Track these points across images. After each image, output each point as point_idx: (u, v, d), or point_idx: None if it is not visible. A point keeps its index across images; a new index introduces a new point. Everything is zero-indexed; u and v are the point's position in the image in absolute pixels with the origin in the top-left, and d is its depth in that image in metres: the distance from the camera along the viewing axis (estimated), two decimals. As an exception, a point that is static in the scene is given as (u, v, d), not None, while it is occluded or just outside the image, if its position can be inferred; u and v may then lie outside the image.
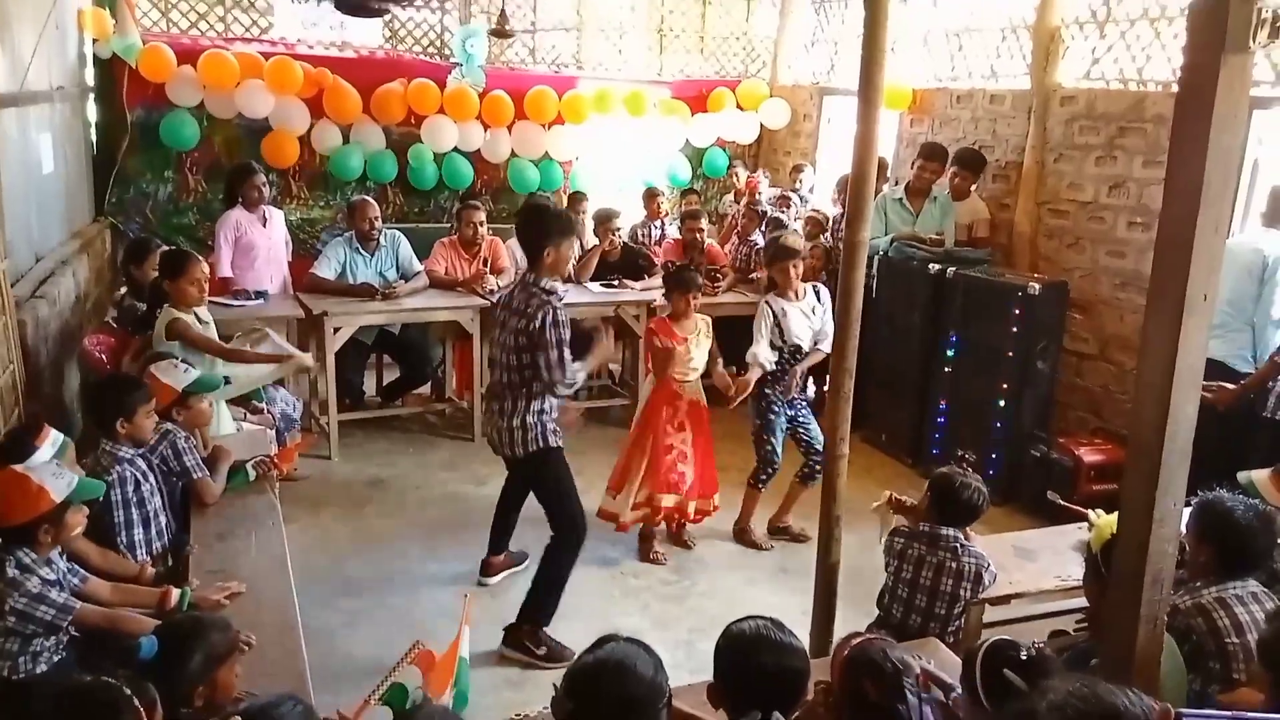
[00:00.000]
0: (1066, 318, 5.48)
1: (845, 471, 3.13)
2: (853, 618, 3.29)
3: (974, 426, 5.49)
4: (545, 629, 3.85)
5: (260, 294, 5.55)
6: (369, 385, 6.39)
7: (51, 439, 2.64)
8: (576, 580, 4.32)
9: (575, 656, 3.59)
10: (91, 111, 6.51)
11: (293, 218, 7.05)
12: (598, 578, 4.45)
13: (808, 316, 4.73)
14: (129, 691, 1.69)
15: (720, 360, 4.89)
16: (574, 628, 4.01)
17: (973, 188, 6.11)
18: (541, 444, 3.79)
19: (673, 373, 4.61)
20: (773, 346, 4.67)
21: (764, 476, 4.85)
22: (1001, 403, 5.35)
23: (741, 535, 4.94)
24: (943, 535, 2.99)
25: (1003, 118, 6.13)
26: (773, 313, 4.69)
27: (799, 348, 4.70)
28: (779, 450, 4.83)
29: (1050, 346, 5.36)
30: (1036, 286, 5.19)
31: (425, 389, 6.56)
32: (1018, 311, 5.24)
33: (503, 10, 6.72)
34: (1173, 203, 1.93)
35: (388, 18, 7.30)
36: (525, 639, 3.80)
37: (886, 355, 6.05)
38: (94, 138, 6.52)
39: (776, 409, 4.78)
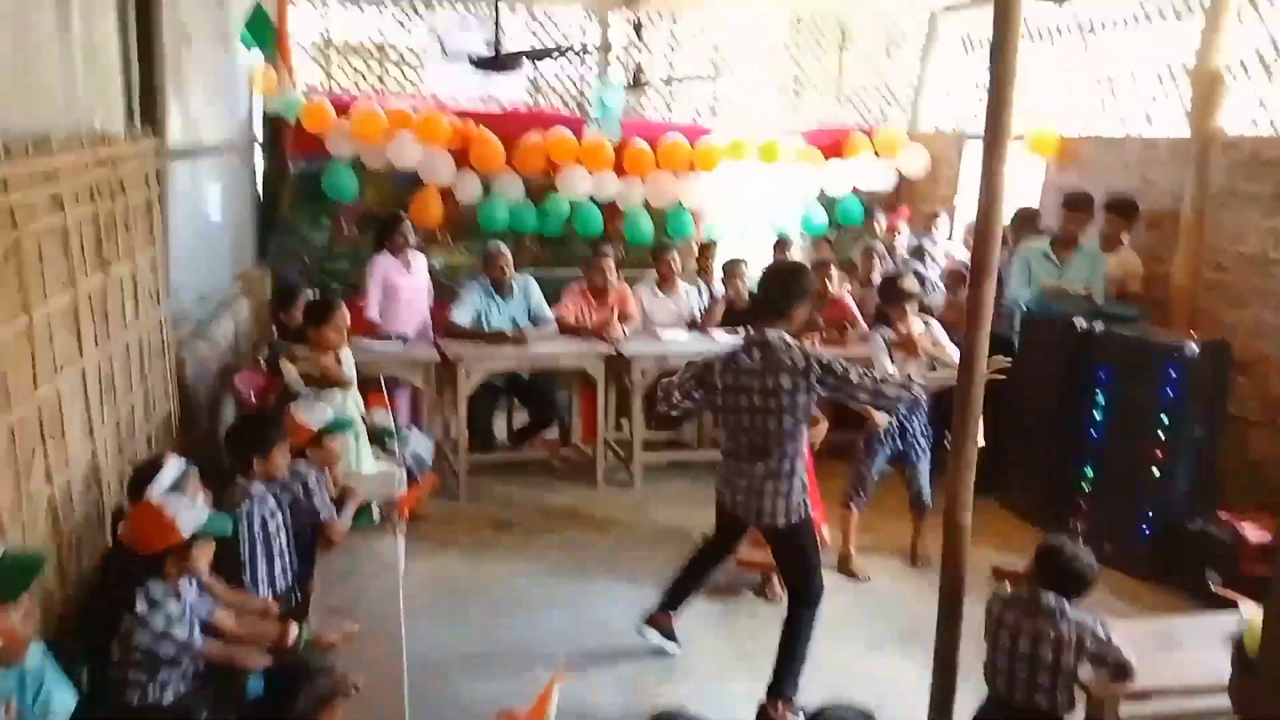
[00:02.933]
0: (1229, 380, 5.06)
1: (967, 541, 2.95)
2: (978, 694, 3.10)
3: (1121, 495, 5.12)
4: (794, 698, 3.75)
5: (402, 337, 5.79)
6: (500, 428, 6.54)
7: (174, 465, 2.80)
8: (688, 639, 4.28)
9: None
10: (259, 163, 7.02)
11: (436, 263, 7.38)
12: (711, 640, 4.36)
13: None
14: None
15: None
16: (680, 690, 3.94)
17: (1124, 237, 5.77)
18: (803, 514, 3.73)
19: None
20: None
21: (854, 495, 4.94)
22: (1155, 471, 4.98)
23: (842, 565, 4.97)
24: (1042, 601, 2.80)
25: (1157, 164, 5.78)
26: (884, 343, 4.84)
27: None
28: (871, 477, 4.94)
29: (1210, 412, 4.96)
30: (1195, 347, 4.83)
31: (554, 434, 6.66)
32: (1173, 373, 4.88)
33: (638, 65, 6.86)
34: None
35: (532, 75, 7.58)
36: (785, 713, 3.70)
37: (1027, 416, 5.75)
38: (259, 188, 7.00)
39: (880, 439, 4.87)
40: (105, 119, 3.60)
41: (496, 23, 5.96)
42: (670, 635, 4.15)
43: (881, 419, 4.85)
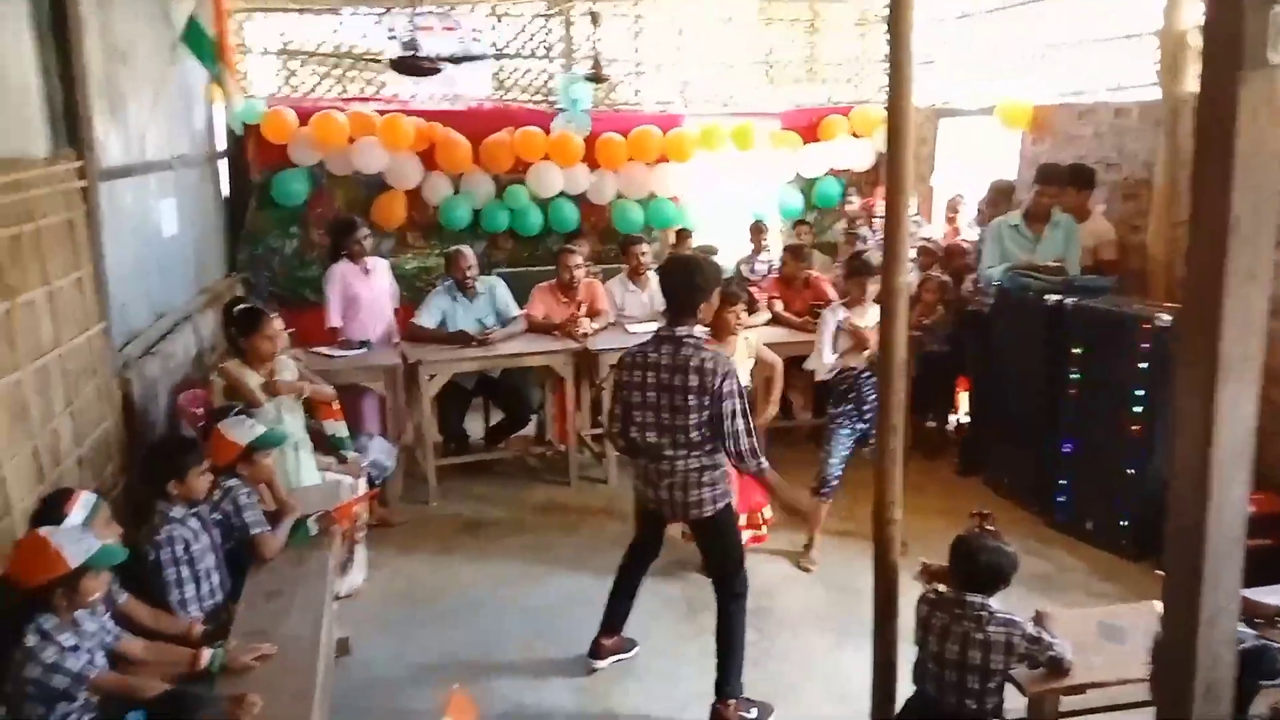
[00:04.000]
0: (1206, 350, 4.90)
1: (897, 540, 2.85)
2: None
3: (1102, 472, 4.99)
4: (743, 694, 3.70)
5: (364, 343, 5.74)
6: (476, 429, 6.48)
7: (82, 502, 2.75)
8: (647, 636, 4.20)
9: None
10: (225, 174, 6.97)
11: (408, 267, 7.33)
12: (671, 635, 4.28)
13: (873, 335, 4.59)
14: None
15: (772, 405, 4.93)
16: (636, 688, 3.88)
17: (1099, 209, 5.61)
18: (722, 503, 3.66)
19: None
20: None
21: (819, 487, 4.83)
22: (1132, 446, 4.84)
23: (804, 551, 4.97)
24: (967, 602, 2.69)
25: (1130, 131, 5.62)
26: (835, 323, 4.73)
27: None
28: (834, 464, 4.83)
29: (1187, 383, 4.80)
30: (1166, 316, 4.67)
31: (530, 432, 6.59)
32: (1145, 345, 4.73)
33: (596, 57, 6.75)
34: (1199, 248, 1.64)
35: (495, 69, 7.49)
36: (737, 710, 3.66)
37: (1005, 395, 5.64)
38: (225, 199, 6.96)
39: (839, 421, 4.79)
40: (20, 142, 3.55)
41: (412, 24, 5.86)
42: (622, 649, 4.09)
43: None
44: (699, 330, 3.61)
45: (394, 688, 3.88)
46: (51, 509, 2.72)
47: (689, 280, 3.57)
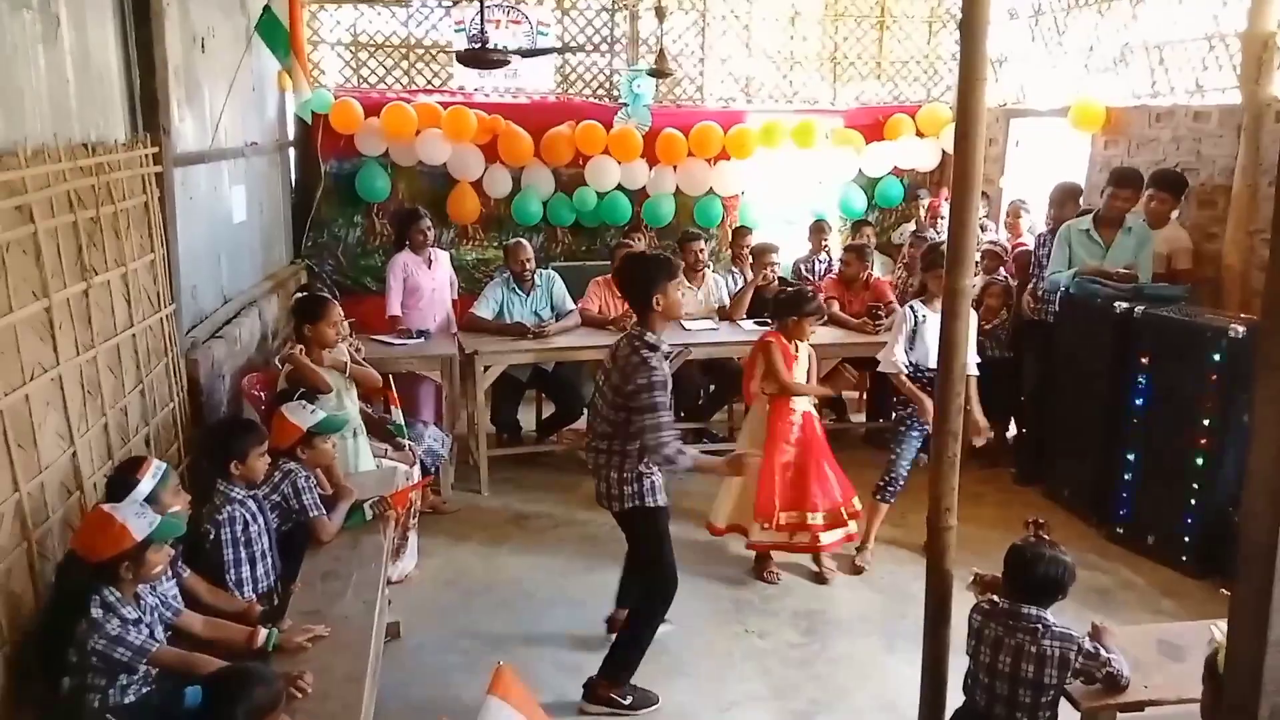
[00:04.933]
0: None
1: (953, 546, 2.79)
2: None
3: (1167, 486, 4.86)
4: (624, 682, 3.73)
5: (423, 333, 5.82)
6: (528, 420, 6.53)
7: (152, 470, 2.83)
8: (696, 636, 4.20)
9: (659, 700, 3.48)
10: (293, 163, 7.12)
11: (468, 258, 7.41)
12: (721, 635, 4.27)
13: None
14: None
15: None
16: (685, 687, 3.87)
17: (1173, 214, 5.44)
18: (638, 502, 3.68)
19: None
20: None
21: (884, 486, 4.82)
22: (1199, 460, 4.70)
23: (858, 552, 4.93)
24: (1022, 614, 2.63)
25: (1208, 137, 5.43)
26: (914, 318, 4.62)
27: (925, 368, 4.59)
28: (903, 465, 4.81)
29: (1261, 397, 4.63)
30: (1240, 328, 4.52)
31: (581, 425, 6.61)
32: (1217, 356, 4.59)
33: (661, 51, 6.74)
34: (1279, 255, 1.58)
35: (559, 63, 7.52)
36: (610, 692, 3.71)
37: (1069, 404, 5.51)
38: (293, 187, 7.10)
39: (908, 423, 4.74)
40: (103, 127, 3.66)
41: (482, 18, 5.89)
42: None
43: (930, 405, 4.66)
44: (661, 325, 3.65)
45: (442, 673, 3.93)
46: (124, 476, 2.81)
47: (635, 276, 3.68)
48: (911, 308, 4.72)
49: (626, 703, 3.68)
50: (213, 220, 5.14)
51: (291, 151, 7.07)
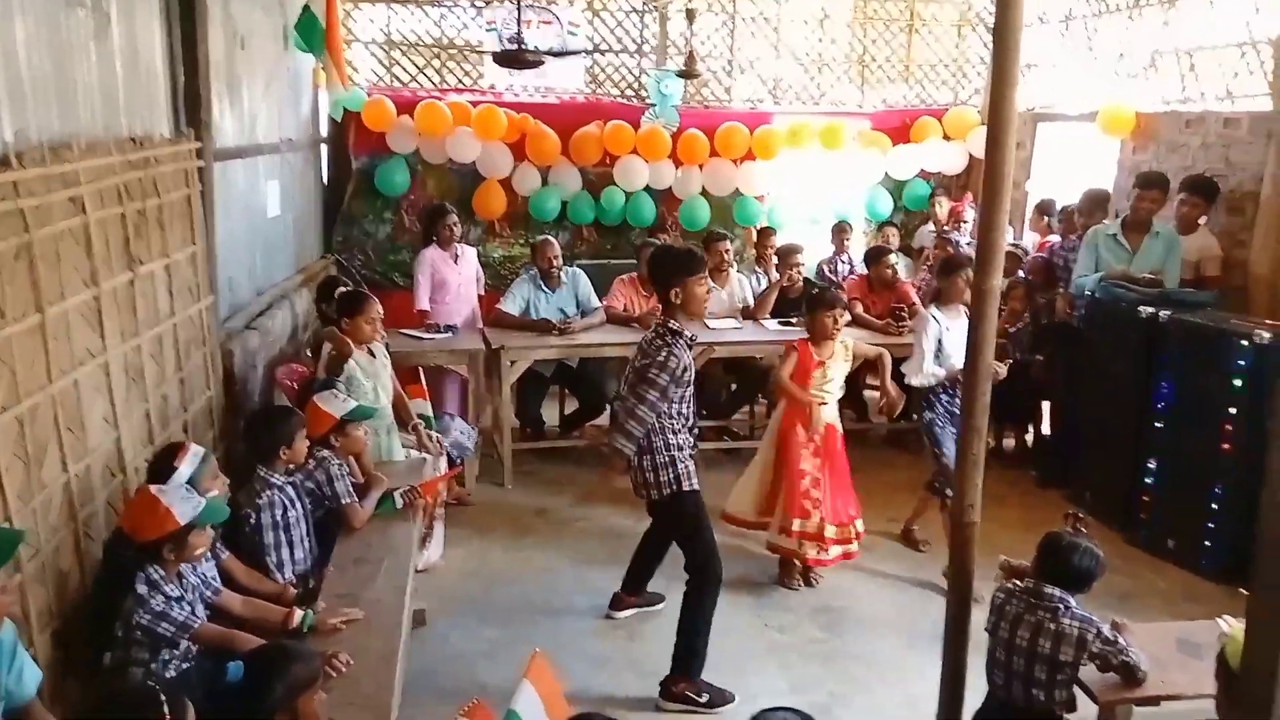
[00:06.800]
0: (1306, 370, 4.73)
1: (974, 542, 2.84)
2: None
3: (1190, 491, 4.86)
4: (697, 678, 3.79)
5: (450, 327, 5.90)
6: (552, 415, 6.61)
7: (191, 454, 2.92)
8: (718, 631, 4.23)
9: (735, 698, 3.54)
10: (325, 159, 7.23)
11: (494, 255, 7.50)
12: (741, 631, 4.32)
13: None
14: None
15: (891, 390, 4.80)
16: (709, 678, 3.91)
17: (1202, 220, 5.44)
18: (675, 488, 3.75)
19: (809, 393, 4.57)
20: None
21: (937, 485, 4.82)
22: (1222, 466, 4.70)
23: (905, 535, 5.16)
24: (1045, 594, 2.70)
25: (1238, 143, 5.42)
26: (939, 327, 4.62)
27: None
28: (953, 460, 4.64)
29: (1285, 404, 4.64)
30: (1266, 335, 4.53)
31: (603, 421, 6.69)
32: (1242, 363, 4.59)
33: (691, 52, 6.79)
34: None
35: (588, 63, 7.60)
36: (685, 690, 3.75)
37: (1093, 408, 5.52)
38: (325, 183, 7.22)
39: (941, 422, 4.75)
40: (148, 122, 3.77)
41: (519, 19, 5.97)
42: (644, 604, 4.38)
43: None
44: (683, 317, 3.72)
45: (467, 661, 4.00)
46: (164, 460, 2.90)
47: (660, 269, 3.78)
48: (934, 318, 4.72)
49: (703, 700, 3.73)
50: (249, 214, 5.26)
51: (324, 148, 7.19)
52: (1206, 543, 4.78)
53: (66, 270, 2.83)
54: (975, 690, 2.92)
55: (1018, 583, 2.83)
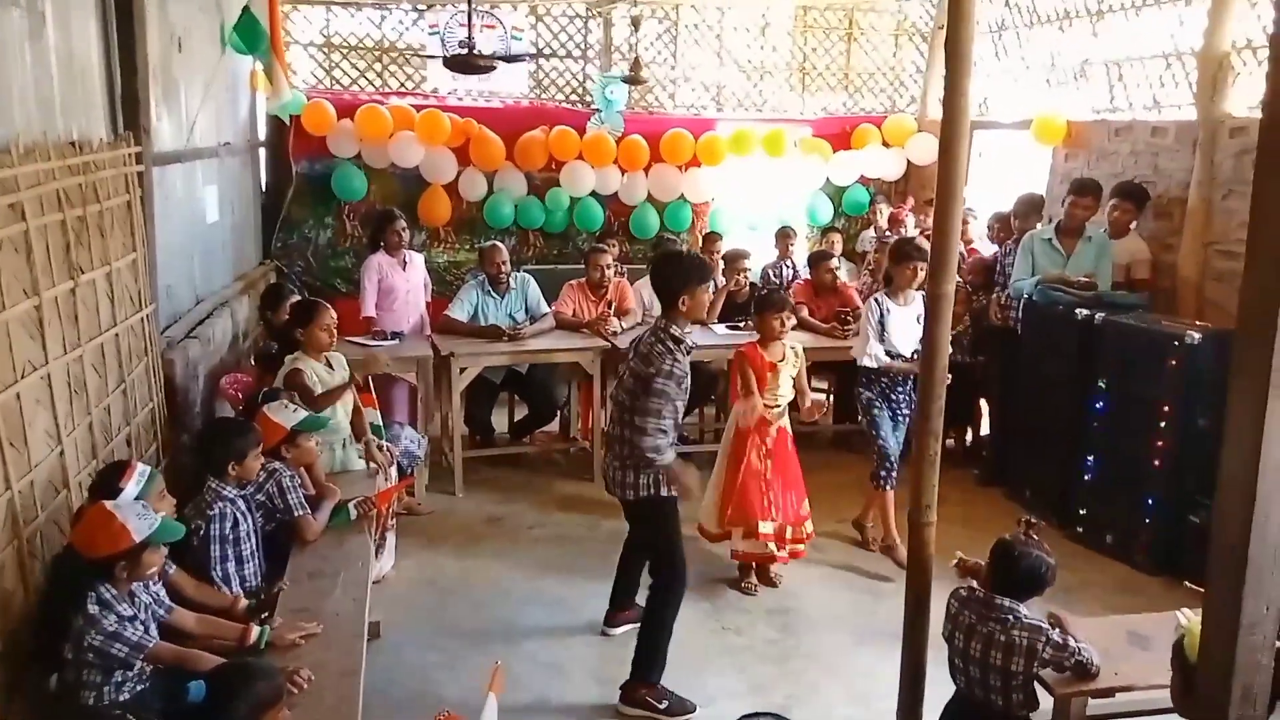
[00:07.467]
0: (1234, 370, 4.92)
1: (932, 542, 2.90)
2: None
3: (1126, 487, 5.03)
4: (661, 682, 3.79)
5: (397, 334, 5.82)
6: (501, 423, 6.56)
7: (137, 475, 2.81)
8: (675, 633, 4.25)
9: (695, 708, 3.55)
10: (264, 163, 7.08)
11: (440, 260, 7.43)
12: (698, 633, 4.33)
13: (914, 325, 4.73)
14: None
15: (809, 395, 4.90)
16: (666, 681, 3.92)
17: (1133, 225, 5.64)
18: (651, 492, 3.74)
19: (760, 399, 4.61)
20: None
21: (877, 472, 4.93)
22: (1157, 462, 4.88)
23: (858, 529, 5.24)
24: (995, 604, 2.75)
25: (1166, 151, 5.64)
26: (879, 310, 4.82)
27: (898, 355, 4.83)
28: (889, 446, 4.92)
29: (1215, 402, 4.83)
30: (1196, 335, 4.71)
31: (555, 428, 6.67)
32: (1174, 362, 4.77)
33: (636, 58, 6.82)
34: (1254, 263, 1.69)
35: (532, 68, 7.58)
36: (646, 695, 3.75)
37: (1031, 407, 5.68)
38: (264, 188, 7.06)
39: (878, 405, 4.91)
40: (85, 125, 3.64)
41: (469, 23, 5.94)
42: (636, 620, 4.18)
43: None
44: (685, 324, 3.68)
45: (421, 671, 3.95)
46: (108, 479, 2.80)
47: (667, 273, 3.74)
48: (876, 300, 4.89)
49: (662, 707, 3.71)
50: (187, 220, 5.13)
51: (262, 152, 7.04)
52: (1143, 537, 4.95)
53: (7, 279, 2.72)
54: (934, 684, 2.97)
55: (973, 585, 2.89)
